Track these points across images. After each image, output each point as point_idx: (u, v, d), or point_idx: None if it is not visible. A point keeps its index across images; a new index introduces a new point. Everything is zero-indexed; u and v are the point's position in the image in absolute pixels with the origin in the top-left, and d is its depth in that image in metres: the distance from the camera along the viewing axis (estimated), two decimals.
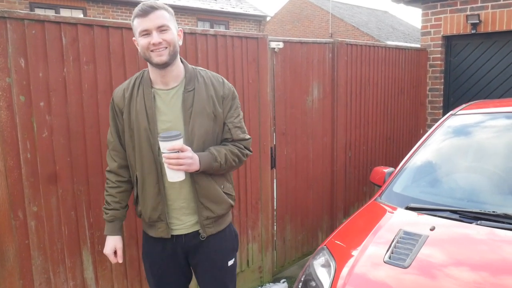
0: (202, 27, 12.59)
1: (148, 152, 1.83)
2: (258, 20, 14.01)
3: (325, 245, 2.23)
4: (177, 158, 1.68)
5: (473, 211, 2.12)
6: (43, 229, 2.27)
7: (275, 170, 3.67)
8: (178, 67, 1.86)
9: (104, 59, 2.41)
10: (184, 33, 2.75)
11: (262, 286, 3.60)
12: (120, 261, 2.03)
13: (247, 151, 1.97)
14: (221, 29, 12.98)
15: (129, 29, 2.51)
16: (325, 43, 4.05)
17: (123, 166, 1.97)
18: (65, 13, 10.02)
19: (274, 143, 3.63)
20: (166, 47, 1.74)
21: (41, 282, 2.28)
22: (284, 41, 3.57)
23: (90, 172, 2.41)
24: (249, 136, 1.99)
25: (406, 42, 19.12)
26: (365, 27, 19.44)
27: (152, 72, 1.84)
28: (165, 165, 1.73)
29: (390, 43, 17.56)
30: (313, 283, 1.99)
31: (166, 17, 1.76)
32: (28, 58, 2.14)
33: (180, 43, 1.85)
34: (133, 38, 1.87)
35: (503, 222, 1.99)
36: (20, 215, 2.19)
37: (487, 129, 2.79)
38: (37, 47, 2.17)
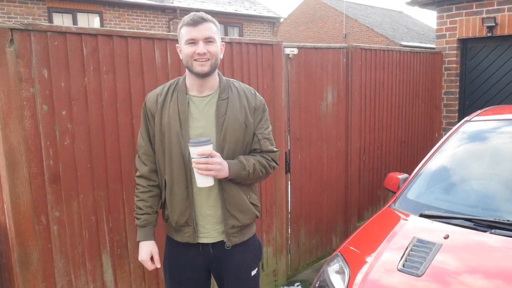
0: None
1: (179, 156, 1.86)
2: (271, 22, 14.04)
3: (339, 251, 2.26)
4: (206, 164, 1.71)
5: (488, 219, 2.12)
6: (65, 233, 2.35)
7: (289, 174, 3.71)
8: (215, 77, 1.91)
9: (123, 69, 2.48)
10: None
11: None
12: (158, 266, 2.03)
13: (274, 164, 1.99)
14: (235, 32, 13.06)
15: (147, 38, 2.58)
16: (339, 48, 4.07)
17: (153, 170, 1.99)
18: (82, 17, 10.20)
19: (289, 147, 3.67)
20: (209, 59, 1.80)
21: (63, 284, 2.36)
22: (298, 47, 3.60)
23: (109, 178, 2.48)
24: (277, 149, 2.02)
25: (421, 42, 18.95)
26: (379, 28, 19.32)
27: (190, 80, 1.90)
28: (194, 171, 1.75)
29: (404, 43, 17.43)
30: None
31: (214, 30, 1.82)
32: (51, 69, 2.22)
33: (221, 56, 1.90)
34: (177, 45, 1.93)
35: None
36: (43, 220, 2.26)
37: (502, 136, 2.79)
38: (59, 58, 2.24)
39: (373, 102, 4.49)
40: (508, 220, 2.08)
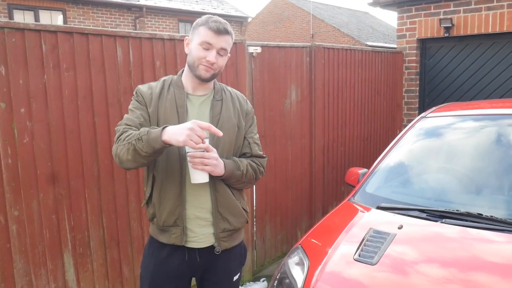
0: (183, 28, 12.61)
1: (174, 150, 1.79)
2: (239, 21, 14.09)
3: (299, 244, 2.33)
4: (202, 157, 1.67)
5: (439, 210, 2.24)
6: (25, 233, 2.31)
7: None
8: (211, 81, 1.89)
9: (84, 66, 2.47)
10: (163, 39, 2.81)
11: (242, 285, 3.68)
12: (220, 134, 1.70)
13: (262, 169, 1.98)
14: None
15: (109, 36, 2.57)
16: (303, 47, 4.16)
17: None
18: (44, 15, 9.94)
19: None
20: (214, 69, 1.78)
21: (23, 284, 2.32)
22: (262, 46, 3.66)
23: (70, 176, 2.46)
24: (265, 155, 2.01)
25: (386, 42, 19.44)
26: (345, 28, 19.67)
27: (187, 78, 1.86)
28: (189, 166, 1.70)
29: (370, 43, 17.83)
30: (287, 281, 2.08)
31: (230, 44, 1.82)
32: (9, 66, 2.19)
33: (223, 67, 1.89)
34: (186, 36, 1.87)
35: (465, 220, 2.11)
36: (2, 219, 2.23)
37: (455, 131, 2.92)
38: (17, 54, 2.21)
39: (336, 100, 4.60)
40: (458, 210, 2.19)
